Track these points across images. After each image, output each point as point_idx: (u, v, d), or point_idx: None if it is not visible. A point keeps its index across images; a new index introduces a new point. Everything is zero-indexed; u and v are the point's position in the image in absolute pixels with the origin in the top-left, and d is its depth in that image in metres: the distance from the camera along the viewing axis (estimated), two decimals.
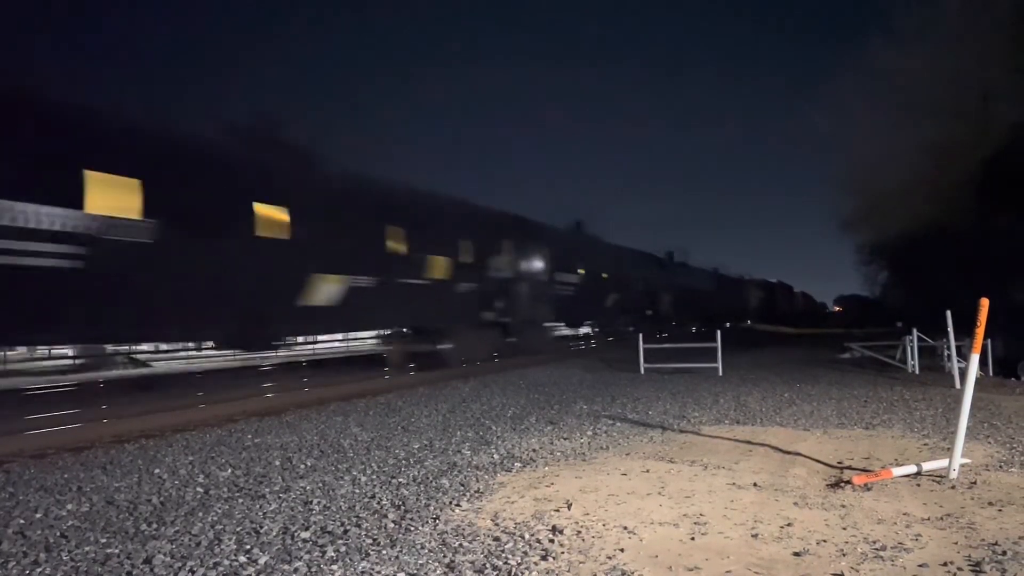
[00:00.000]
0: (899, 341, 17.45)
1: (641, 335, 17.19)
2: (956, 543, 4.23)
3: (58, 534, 4.79)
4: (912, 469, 5.87)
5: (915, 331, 15.74)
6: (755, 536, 4.38)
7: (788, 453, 6.93)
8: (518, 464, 6.66)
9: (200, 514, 5.18)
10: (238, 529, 4.80)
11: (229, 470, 6.61)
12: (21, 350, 22.94)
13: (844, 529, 4.49)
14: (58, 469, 6.74)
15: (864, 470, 6.09)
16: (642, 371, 16.19)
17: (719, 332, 16.31)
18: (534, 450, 7.31)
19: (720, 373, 15.34)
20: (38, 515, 5.23)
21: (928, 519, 4.70)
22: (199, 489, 5.95)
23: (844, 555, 4.02)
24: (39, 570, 4.14)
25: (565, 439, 7.89)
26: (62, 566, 4.18)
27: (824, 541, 4.25)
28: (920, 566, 3.86)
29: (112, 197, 9.93)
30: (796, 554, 4.05)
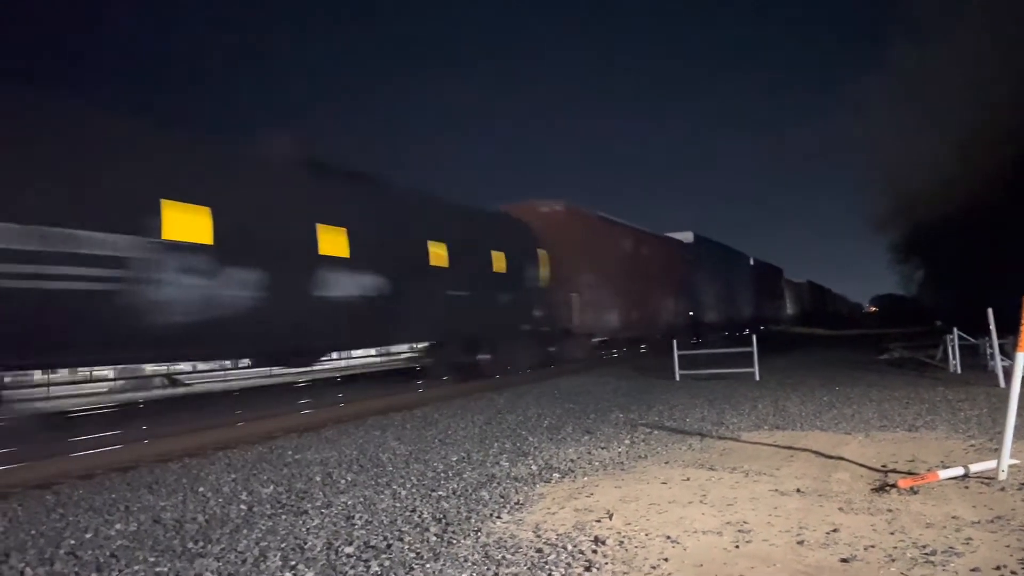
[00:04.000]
0: (939, 340, 17.15)
1: (676, 342, 17.06)
2: (1008, 546, 4.15)
3: (108, 553, 4.87)
4: (959, 471, 5.76)
5: (956, 330, 15.45)
6: (801, 543, 4.33)
7: (830, 458, 6.84)
8: (557, 475, 6.65)
9: (245, 531, 5.24)
10: (283, 545, 4.84)
11: (271, 487, 6.68)
12: (63, 372, 23.46)
13: (892, 534, 4.42)
14: (105, 489, 6.87)
15: (909, 473, 5.99)
16: (677, 378, 16.08)
17: (755, 337, 16.15)
18: (572, 460, 7.30)
19: (757, 378, 15.18)
20: (88, 535, 5.33)
21: (978, 522, 4.61)
22: (243, 506, 6.02)
23: (893, 560, 3.96)
24: None
25: (603, 448, 7.87)
26: None
27: (872, 547, 4.19)
28: (972, 570, 3.79)
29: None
30: (844, 560, 4.00)
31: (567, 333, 21.11)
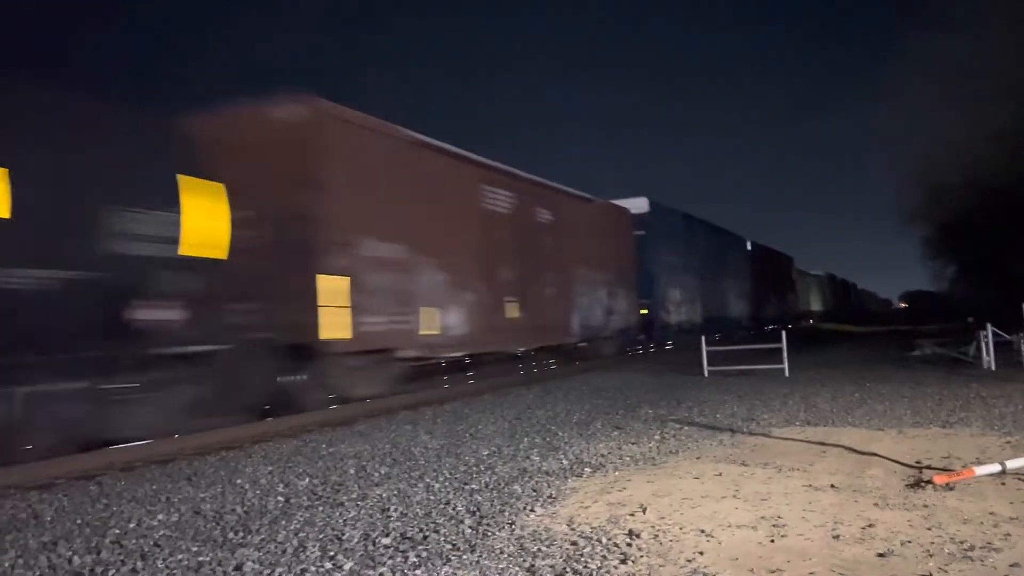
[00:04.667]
0: (971, 336, 16.93)
1: (704, 337, 17.00)
2: None
3: (151, 543, 4.99)
4: (996, 468, 5.71)
5: (989, 326, 15.25)
6: (836, 537, 4.34)
7: (863, 454, 6.82)
8: (588, 469, 6.69)
9: (283, 522, 5.34)
10: (321, 536, 4.93)
11: (307, 479, 6.79)
12: None
13: (929, 529, 4.41)
14: (146, 481, 7.02)
15: (944, 469, 5.95)
16: (706, 374, 16.03)
17: (784, 332, 16.05)
18: (603, 455, 7.34)
19: (787, 374, 15.09)
20: (132, 525, 5.47)
21: (1016, 518, 4.58)
22: (280, 498, 6.13)
23: (931, 556, 3.96)
24: None
25: (633, 444, 7.89)
26: (158, 573, 4.36)
27: (909, 542, 4.19)
28: (1012, 566, 3.77)
29: None
30: (880, 555, 4.00)
31: (310, 353, 11.07)
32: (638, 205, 24.38)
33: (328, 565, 4.34)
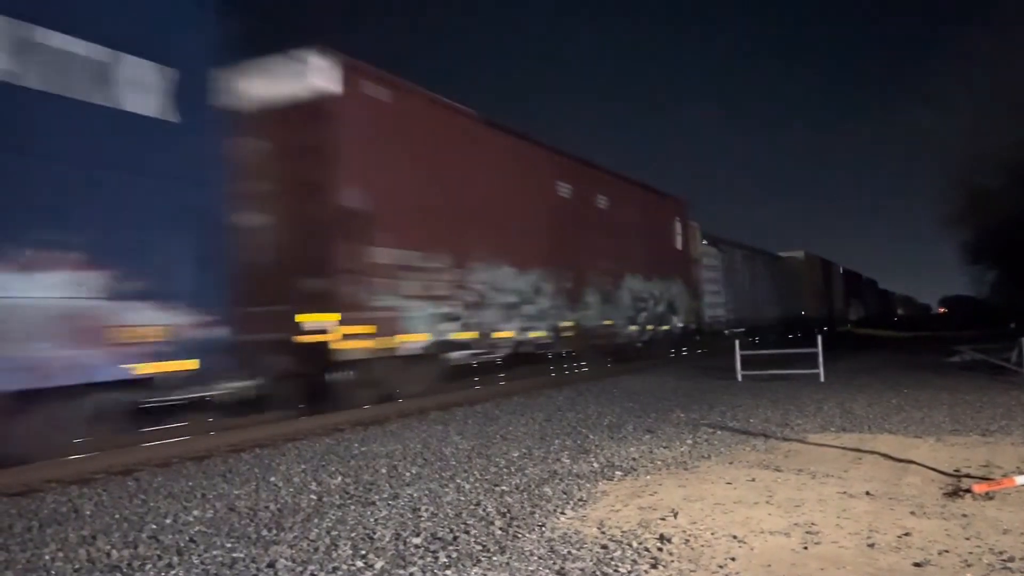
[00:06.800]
0: (1013, 343, 16.56)
1: (737, 341, 16.84)
2: None
3: (187, 538, 5.08)
4: None
5: None
6: (871, 546, 4.28)
7: (900, 461, 6.70)
8: (619, 473, 6.67)
9: (316, 520, 5.40)
10: (352, 535, 4.98)
11: (339, 478, 6.86)
12: None
13: (967, 539, 4.33)
14: (182, 477, 7.14)
15: (984, 478, 5.83)
16: (739, 378, 15.87)
17: (820, 337, 15.84)
18: (634, 459, 7.30)
19: (822, 379, 14.88)
20: (168, 520, 5.56)
21: None
22: (312, 496, 6.20)
23: (969, 566, 3.89)
24: (173, 572, 4.41)
25: (665, 448, 7.85)
26: (194, 569, 4.44)
27: (946, 551, 4.12)
28: None
29: None
30: (917, 564, 3.94)
31: None
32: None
33: (359, 564, 4.39)
